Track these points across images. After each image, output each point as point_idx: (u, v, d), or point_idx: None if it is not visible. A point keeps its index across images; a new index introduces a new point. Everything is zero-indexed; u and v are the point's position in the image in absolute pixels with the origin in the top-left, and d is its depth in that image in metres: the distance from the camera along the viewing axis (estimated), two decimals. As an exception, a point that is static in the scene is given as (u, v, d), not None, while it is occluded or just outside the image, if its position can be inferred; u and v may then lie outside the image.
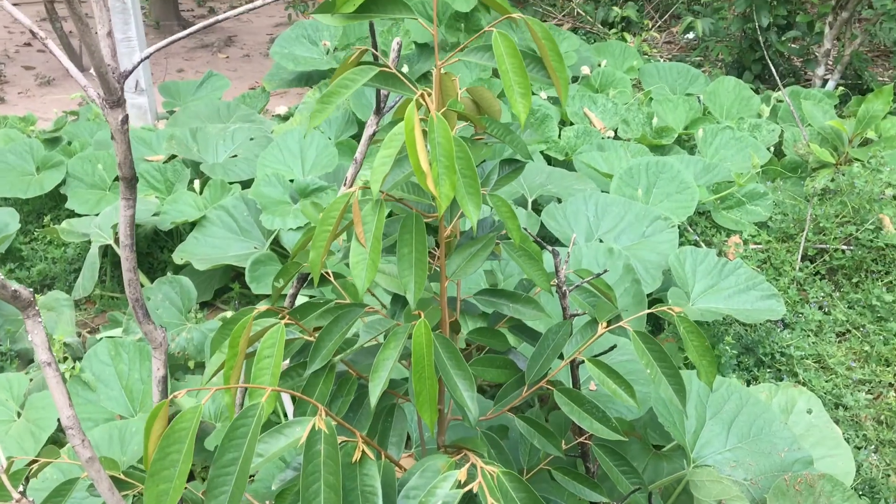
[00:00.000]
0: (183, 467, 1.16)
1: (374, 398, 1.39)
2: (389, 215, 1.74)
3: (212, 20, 1.52)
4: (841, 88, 6.34)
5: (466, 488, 1.37)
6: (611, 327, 1.82)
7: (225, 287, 3.94)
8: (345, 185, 1.98)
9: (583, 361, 1.83)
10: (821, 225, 4.05)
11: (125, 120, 1.45)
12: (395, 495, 1.50)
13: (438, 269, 1.73)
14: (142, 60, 1.38)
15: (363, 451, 1.36)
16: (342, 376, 1.62)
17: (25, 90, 7.43)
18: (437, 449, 1.81)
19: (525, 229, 1.91)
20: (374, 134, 1.93)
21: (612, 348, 2.09)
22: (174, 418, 1.10)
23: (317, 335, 1.54)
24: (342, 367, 1.65)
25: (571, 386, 2.08)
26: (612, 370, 1.77)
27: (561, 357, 1.86)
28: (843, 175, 4.25)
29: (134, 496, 1.73)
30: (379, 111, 1.92)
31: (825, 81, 6.63)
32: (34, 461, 1.65)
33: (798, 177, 4.80)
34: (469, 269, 1.71)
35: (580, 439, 2.09)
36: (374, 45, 1.66)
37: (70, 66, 1.42)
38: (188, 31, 1.47)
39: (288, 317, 1.54)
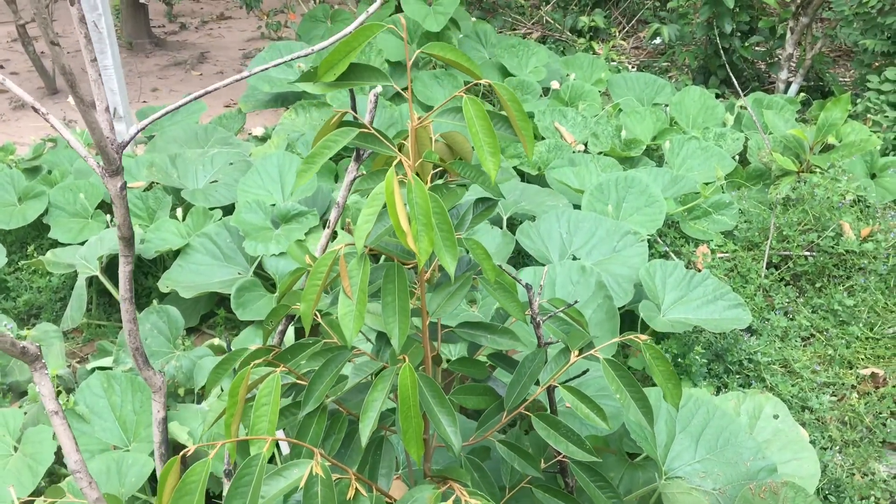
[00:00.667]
0: (194, 515, 1.27)
1: (364, 438, 1.51)
2: (373, 258, 1.86)
3: (199, 93, 1.62)
4: (803, 94, 6.54)
5: (452, 518, 1.49)
6: (583, 355, 1.95)
7: (210, 312, 4.03)
8: (328, 227, 2.09)
9: (556, 386, 1.95)
10: (784, 233, 4.22)
11: (124, 186, 1.55)
12: (386, 526, 1.62)
13: (419, 304, 1.85)
14: (137, 133, 1.49)
15: (356, 489, 1.48)
16: (333, 414, 1.74)
17: (0, 115, 7.45)
18: (423, 476, 1.93)
19: (500, 265, 2.04)
20: (354, 180, 2.04)
21: (584, 372, 2.22)
22: (185, 472, 1.21)
23: (306, 376, 1.66)
24: (333, 406, 1.76)
25: (548, 407, 2.21)
26: (584, 395, 1.90)
27: (537, 383, 1.99)
28: (805, 183, 4.42)
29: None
30: (358, 157, 2.04)
31: (789, 84, 6.82)
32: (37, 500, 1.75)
33: (763, 184, 4.97)
34: (448, 308, 1.83)
35: (559, 457, 2.22)
36: (354, 107, 1.77)
37: (71, 137, 1.52)
38: (181, 101, 1.58)
39: (280, 363, 1.65)
